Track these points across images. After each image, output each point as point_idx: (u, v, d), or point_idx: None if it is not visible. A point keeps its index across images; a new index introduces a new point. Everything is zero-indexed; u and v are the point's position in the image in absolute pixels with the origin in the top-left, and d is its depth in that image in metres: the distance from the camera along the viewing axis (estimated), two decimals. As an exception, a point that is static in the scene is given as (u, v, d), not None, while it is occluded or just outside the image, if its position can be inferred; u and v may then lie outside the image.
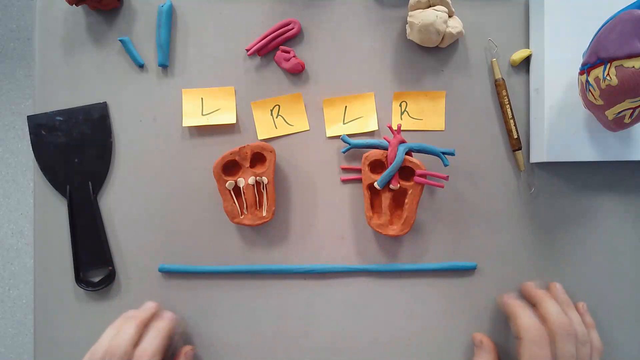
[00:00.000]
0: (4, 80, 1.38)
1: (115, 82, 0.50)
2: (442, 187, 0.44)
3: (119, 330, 0.42)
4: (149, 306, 0.46)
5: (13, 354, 1.30)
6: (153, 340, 0.42)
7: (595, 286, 0.48)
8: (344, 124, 0.49)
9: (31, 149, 0.49)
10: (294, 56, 0.48)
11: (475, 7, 0.48)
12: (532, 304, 0.45)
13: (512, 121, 0.47)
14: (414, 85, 0.49)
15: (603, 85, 0.36)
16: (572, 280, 0.48)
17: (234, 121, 0.48)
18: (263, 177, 0.45)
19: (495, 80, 0.48)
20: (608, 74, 0.35)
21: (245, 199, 0.46)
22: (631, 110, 0.37)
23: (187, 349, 0.46)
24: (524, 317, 0.42)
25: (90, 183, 0.49)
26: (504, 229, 0.48)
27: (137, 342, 0.42)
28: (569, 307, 0.44)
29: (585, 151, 0.44)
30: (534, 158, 0.47)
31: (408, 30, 0.46)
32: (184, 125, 0.48)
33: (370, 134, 0.48)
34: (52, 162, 0.49)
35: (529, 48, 0.48)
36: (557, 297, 0.44)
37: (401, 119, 0.48)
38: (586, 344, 0.41)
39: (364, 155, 0.45)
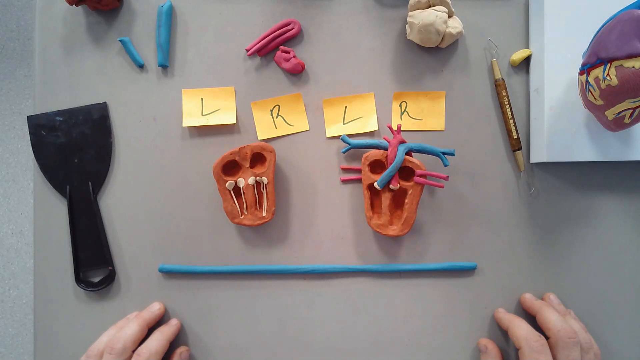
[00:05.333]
0: (4, 80, 1.38)
1: (115, 82, 0.50)
2: (442, 187, 0.44)
3: (121, 328, 0.43)
4: (155, 307, 0.47)
5: (13, 354, 1.30)
6: (156, 341, 0.43)
7: (595, 286, 0.48)
8: (344, 124, 0.49)
9: (31, 149, 0.49)
10: (294, 56, 0.48)
11: (475, 7, 0.48)
12: (532, 314, 0.45)
13: (512, 121, 0.47)
14: (414, 85, 0.49)
15: (603, 85, 0.36)
16: (572, 281, 0.48)
17: (234, 121, 0.48)
18: (263, 177, 0.45)
19: (495, 81, 0.48)
20: (608, 74, 0.36)
21: (245, 199, 0.46)
22: (631, 111, 0.37)
23: (181, 349, 0.46)
24: (521, 328, 0.42)
25: (90, 183, 0.49)
26: (504, 229, 0.48)
27: (137, 339, 0.42)
28: (566, 316, 0.44)
29: (585, 151, 0.44)
30: (534, 158, 0.47)
31: (408, 30, 0.46)
32: (184, 125, 0.48)
33: (370, 134, 0.48)
34: (52, 162, 0.49)
35: (529, 48, 0.48)
36: (553, 307, 0.45)
37: (401, 119, 0.48)
38: (590, 350, 0.41)
39: (364, 155, 0.45)
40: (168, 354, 0.46)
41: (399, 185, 0.44)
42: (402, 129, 0.48)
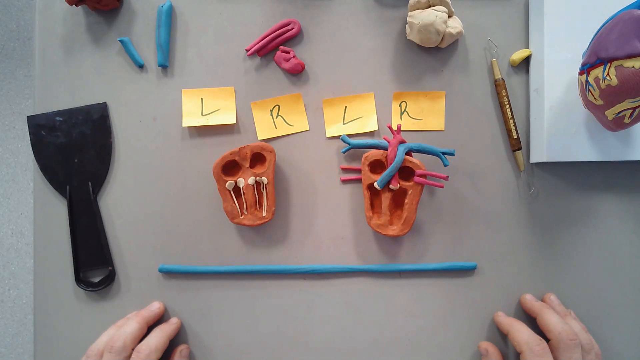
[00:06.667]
0: (4, 80, 1.38)
1: (115, 82, 0.50)
2: (442, 187, 0.44)
3: (121, 327, 0.43)
4: (154, 306, 0.47)
5: (13, 354, 1.30)
6: (156, 338, 0.43)
7: (595, 286, 0.48)
8: (343, 124, 0.49)
9: (31, 149, 0.49)
10: (293, 56, 0.48)
11: (475, 7, 0.48)
12: (532, 316, 0.45)
13: (511, 121, 0.47)
14: (414, 85, 0.49)
15: (603, 85, 0.36)
16: (572, 281, 0.48)
17: (233, 121, 0.48)
18: (263, 177, 0.45)
19: (495, 80, 0.48)
20: (608, 74, 0.36)
21: (245, 199, 0.46)
22: (631, 110, 0.37)
23: (182, 347, 0.47)
24: (522, 332, 0.42)
25: (90, 183, 0.49)
26: (504, 229, 0.48)
27: (137, 337, 0.42)
28: (567, 317, 0.44)
29: (585, 151, 0.44)
30: (534, 158, 0.47)
31: (408, 30, 0.46)
32: (183, 125, 0.48)
33: (370, 134, 0.48)
34: (52, 162, 0.49)
35: (528, 48, 0.48)
36: (554, 308, 0.44)
37: (401, 119, 0.48)
38: (591, 351, 0.41)
39: (364, 155, 0.45)
40: (168, 353, 0.46)
41: (399, 185, 0.44)
42: (402, 129, 0.48)
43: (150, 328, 0.45)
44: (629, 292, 0.48)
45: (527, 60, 0.48)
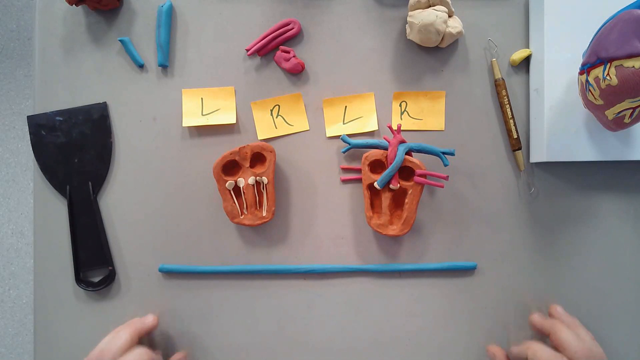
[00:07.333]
0: (4, 80, 1.38)
1: (115, 82, 0.50)
2: (442, 187, 0.44)
3: (114, 336, 0.42)
4: (149, 319, 0.45)
5: (13, 354, 1.30)
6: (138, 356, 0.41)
7: (595, 286, 0.48)
8: (343, 124, 0.49)
9: (31, 149, 0.49)
10: (294, 56, 0.48)
11: (475, 7, 0.48)
12: (543, 334, 0.44)
13: (512, 121, 0.47)
14: (414, 85, 0.49)
15: (603, 85, 0.36)
16: (571, 280, 0.48)
17: (234, 121, 0.48)
18: (263, 177, 0.45)
19: (495, 80, 0.48)
20: (608, 73, 0.36)
21: (245, 199, 0.46)
22: (631, 110, 0.37)
23: (179, 355, 0.46)
24: (543, 351, 0.41)
25: (90, 183, 0.49)
26: (504, 229, 0.48)
27: (126, 351, 0.41)
28: (576, 328, 0.43)
29: (585, 151, 0.44)
30: (534, 158, 0.47)
31: (408, 30, 0.46)
32: (184, 125, 0.48)
33: (370, 134, 0.48)
34: (52, 162, 0.49)
35: (528, 48, 0.48)
36: (562, 321, 0.44)
37: (401, 119, 0.48)
38: None
39: (364, 155, 0.45)
40: (168, 355, 0.46)
41: (399, 185, 0.44)
42: (402, 128, 0.48)
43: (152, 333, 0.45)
44: (629, 292, 0.48)
45: (527, 60, 0.48)
